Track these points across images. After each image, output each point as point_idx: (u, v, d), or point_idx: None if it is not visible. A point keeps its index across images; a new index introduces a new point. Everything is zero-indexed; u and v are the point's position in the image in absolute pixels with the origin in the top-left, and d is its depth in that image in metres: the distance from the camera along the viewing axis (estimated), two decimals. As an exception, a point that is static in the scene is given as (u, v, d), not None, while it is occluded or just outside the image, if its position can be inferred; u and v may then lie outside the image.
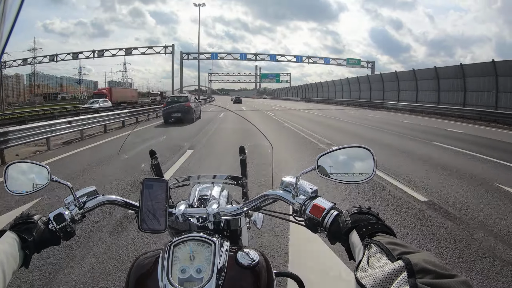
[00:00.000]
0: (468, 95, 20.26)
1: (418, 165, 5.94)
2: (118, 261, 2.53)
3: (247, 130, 1.30)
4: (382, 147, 7.76)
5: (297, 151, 7.45)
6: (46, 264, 2.47)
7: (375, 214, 0.66)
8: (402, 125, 13.54)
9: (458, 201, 3.87)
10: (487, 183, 4.65)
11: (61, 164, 6.43)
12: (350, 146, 0.77)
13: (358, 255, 0.57)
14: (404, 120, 15.97)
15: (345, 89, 39.31)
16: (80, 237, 2.87)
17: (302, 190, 0.76)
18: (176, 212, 0.77)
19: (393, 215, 3.45)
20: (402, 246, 0.52)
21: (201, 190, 0.90)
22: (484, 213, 3.52)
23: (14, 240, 0.63)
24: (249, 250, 0.71)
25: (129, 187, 4.48)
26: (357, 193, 4.15)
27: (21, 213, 0.72)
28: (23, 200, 3.79)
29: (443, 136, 9.92)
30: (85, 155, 7.35)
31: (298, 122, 14.66)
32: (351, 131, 11.65)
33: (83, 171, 5.59)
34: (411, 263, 0.45)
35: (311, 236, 2.78)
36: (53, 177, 0.79)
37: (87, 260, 2.54)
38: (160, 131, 7.47)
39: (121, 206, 0.82)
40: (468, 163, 6.11)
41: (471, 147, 7.72)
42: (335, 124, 14.68)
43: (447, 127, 13.22)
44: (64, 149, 8.18)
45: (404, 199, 3.96)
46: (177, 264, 0.65)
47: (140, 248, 2.70)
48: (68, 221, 0.73)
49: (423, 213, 3.48)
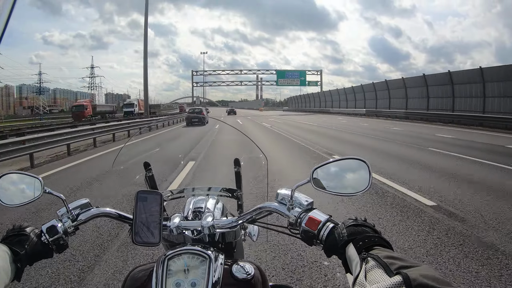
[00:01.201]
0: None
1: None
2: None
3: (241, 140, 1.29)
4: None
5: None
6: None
7: (371, 226, 0.66)
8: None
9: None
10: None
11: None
12: (345, 158, 0.77)
13: (355, 269, 0.56)
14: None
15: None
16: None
17: (298, 202, 0.76)
18: (170, 225, 0.76)
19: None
20: (400, 260, 0.52)
21: (196, 203, 0.89)
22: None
23: (5, 253, 0.62)
24: (244, 263, 0.70)
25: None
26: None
27: (13, 225, 0.70)
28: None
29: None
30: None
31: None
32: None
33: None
34: (410, 278, 0.45)
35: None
36: (46, 188, 0.78)
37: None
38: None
39: (114, 219, 0.81)
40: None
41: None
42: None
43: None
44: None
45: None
46: (171, 278, 0.64)
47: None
48: (61, 234, 0.72)
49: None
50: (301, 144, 10.65)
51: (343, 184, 0.77)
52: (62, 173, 6.60)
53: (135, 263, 2.58)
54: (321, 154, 8.22)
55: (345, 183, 0.77)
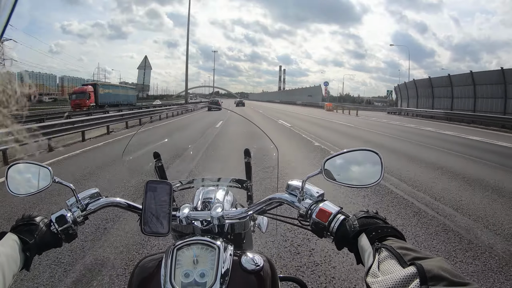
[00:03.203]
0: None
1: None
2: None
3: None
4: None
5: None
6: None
7: (382, 219, 0.64)
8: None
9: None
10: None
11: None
12: (357, 149, 0.75)
13: (368, 260, 0.56)
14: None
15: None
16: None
17: (308, 194, 0.75)
18: (179, 215, 0.76)
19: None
20: (413, 251, 0.51)
21: (205, 193, 0.89)
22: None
23: (15, 242, 0.62)
24: (253, 255, 0.69)
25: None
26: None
27: (22, 214, 0.71)
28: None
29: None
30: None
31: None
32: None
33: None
34: (424, 269, 0.44)
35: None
36: (55, 178, 0.78)
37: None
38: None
39: (124, 209, 0.81)
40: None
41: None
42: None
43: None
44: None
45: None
46: (180, 268, 0.64)
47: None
48: (70, 223, 0.72)
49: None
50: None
51: (355, 176, 0.76)
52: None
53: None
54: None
55: (356, 174, 0.76)
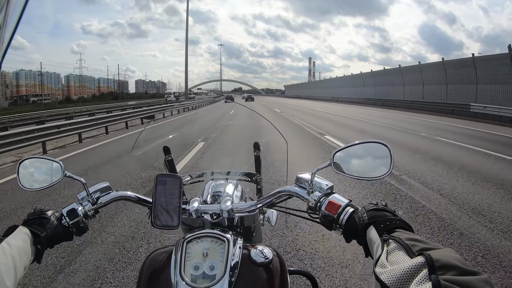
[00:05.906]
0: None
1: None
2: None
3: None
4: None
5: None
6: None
7: (392, 211, 0.64)
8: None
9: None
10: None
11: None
12: (366, 142, 0.75)
13: (376, 251, 0.56)
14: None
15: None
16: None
17: (318, 186, 0.75)
18: (189, 208, 0.76)
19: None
20: (422, 242, 0.51)
21: (215, 187, 0.89)
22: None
23: (26, 235, 0.63)
24: (263, 248, 0.70)
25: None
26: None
27: (34, 208, 0.72)
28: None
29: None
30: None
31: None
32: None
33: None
34: (433, 259, 0.44)
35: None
36: (66, 172, 0.79)
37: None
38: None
39: (134, 202, 0.82)
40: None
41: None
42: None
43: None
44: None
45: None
46: (190, 261, 0.64)
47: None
48: (81, 217, 0.73)
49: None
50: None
51: (364, 168, 0.76)
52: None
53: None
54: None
55: (365, 167, 0.76)
